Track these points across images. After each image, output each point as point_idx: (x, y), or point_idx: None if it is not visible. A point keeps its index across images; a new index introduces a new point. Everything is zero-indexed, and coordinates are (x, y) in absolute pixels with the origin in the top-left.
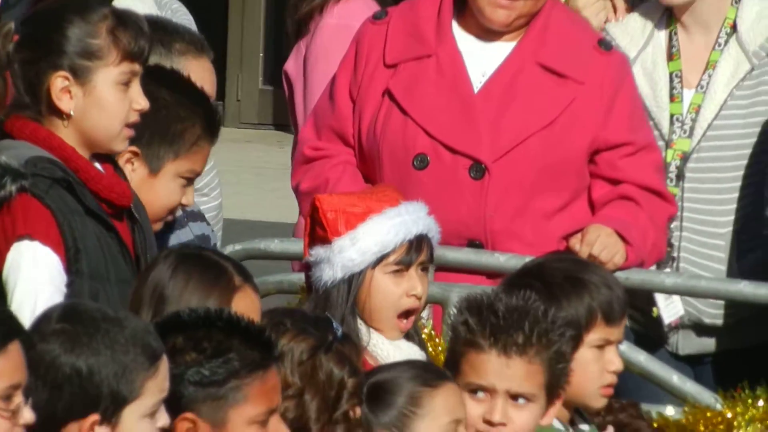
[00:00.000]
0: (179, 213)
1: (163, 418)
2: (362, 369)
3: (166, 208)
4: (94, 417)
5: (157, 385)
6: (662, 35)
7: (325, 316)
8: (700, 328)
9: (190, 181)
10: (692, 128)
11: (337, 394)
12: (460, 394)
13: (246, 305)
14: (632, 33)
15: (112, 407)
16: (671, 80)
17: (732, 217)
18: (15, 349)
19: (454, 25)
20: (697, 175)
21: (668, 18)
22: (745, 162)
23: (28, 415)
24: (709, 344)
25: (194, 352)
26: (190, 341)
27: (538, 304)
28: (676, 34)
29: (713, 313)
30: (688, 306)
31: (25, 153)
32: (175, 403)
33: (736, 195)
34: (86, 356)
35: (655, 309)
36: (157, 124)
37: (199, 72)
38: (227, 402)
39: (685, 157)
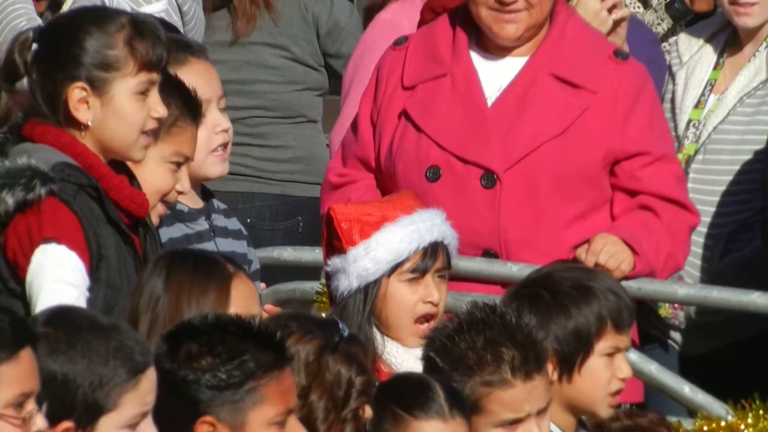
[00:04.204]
0: (174, 199)
1: (149, 431)
2: (371, 368)
3: (157, 194)
4: (67, 424)
5: (137, 398)
6: (717, 44)
7: (332, 318)
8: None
9: (179, 165)
10: (701, 132)
11: (346, 394)
12: None
13: (244, 291)
14: (693, 38)
15: (86, 416)
16: (705, 87)
17: (730, 219)
18: (27, 355)
19: (470, 44)
20: (699, 176)
21: (732, 32)
22: (743, 168)
23: (40, 423)
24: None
25: (209, 357)
26: (204, 347)
27: (510, 317)
28: (730, 46)
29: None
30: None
31: (50, 158)
32: (193, 409)
33: (736, 198)
34: (62, 363)
35: (662, 309)
36: None
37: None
38: (245, 404)
39: (689, 160)
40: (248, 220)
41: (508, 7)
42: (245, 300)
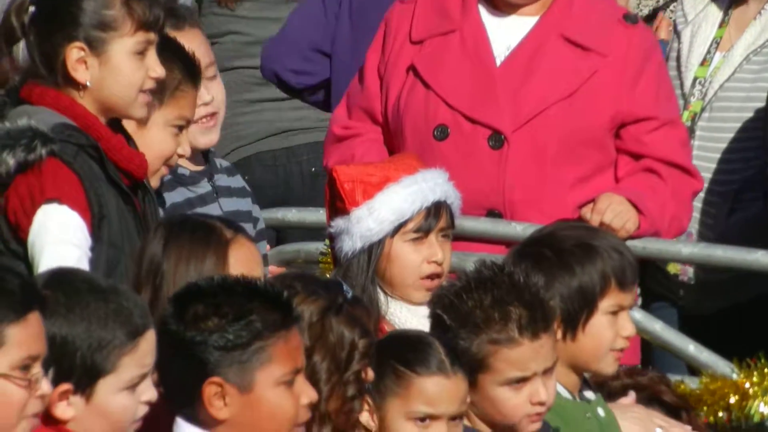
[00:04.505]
0: (175, 162)
1: (149, 392)
2: (374, 331)
3: (161, 158)
4: (66, 386)
5: (136, 360)
6: (722, 1)
7: (336, 279)
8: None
9: (180, 129)
10: (707, 90)
11: (348, 355)
12: None
13: (243, 254)
14: None
15: (85, 378)
16: (711, 45)
17: (735, 177)
18: (35, 318)
19: (480, 1)
20: (706, 134)
21: None
22: (746, 125)
23: (46, 387)
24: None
25: (216, 318)
26: (210, 308)
27: (518, 276)
28: (735, 3)
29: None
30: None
31: (49, 119)
32: (200, 370)
33: (740, 155)
34: (61, 325)
35: (671, 266)
36: None
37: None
38: (252, 364)
39: (695, 118)
40: (313, 170)
41: None
42: (244, 264)
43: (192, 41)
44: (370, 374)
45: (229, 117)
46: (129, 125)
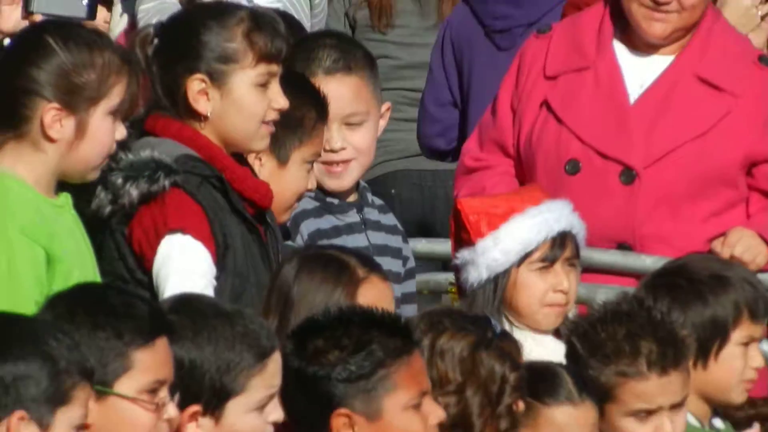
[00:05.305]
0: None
1: (276, 413)
2: (523, 364)
3: (297, 195)
4: (195, 408)
5: (264, 381)
6: None
7: (483, 314)
8: None
9: (312, 165)
10: None
11: (500, 389)
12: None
13: (374, 295)
14: None
15: (215, 400)
16: None
17: None
18: (162, 344)
19: (615, 39)
20: None
21: None
22: None
23: (173, 411)
24: None
25: (336, 351)
26: (330, 341)
27: (656, 312)
28: None
29: None
30: None
31: (173, 150)
32: (327, 404)
33: None
34: (189, 349)
35: None
36: (279, 116)
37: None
38: (378, 392)
39: None
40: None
41: (661, 6)
42: (373, 303)
43: (349, 87)
44: (522, 407)
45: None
46: (268, 164)
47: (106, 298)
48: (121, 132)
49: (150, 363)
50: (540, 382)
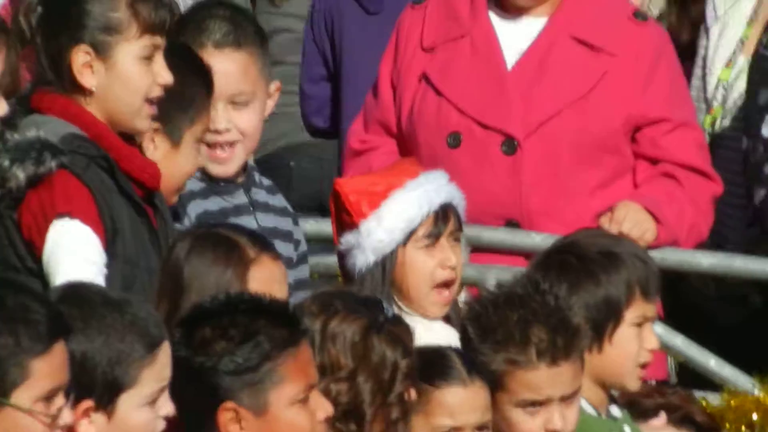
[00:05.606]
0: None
1: (167, 407)
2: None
3: (188, 176)
4: (88, 403)
5: (155, 373)
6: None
7: (375, 297)
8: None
9: (200, 142)
10: (728, 95)
11: (391, 376)
12: None
13: (264, 276)
14: None
15: (107, 394)
16: (736, 45)
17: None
18: (60, 349)
19: (489, 5)
20: (725, 142)
21: None
22: None
23: (67, 417)
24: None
25: (223, 341)
26: (216, 330)
27: (551, 298)
28: None
29: None
30: None
31: (59, 129)
32: (213, 395)
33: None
34: (79, 341)
35: None
36: (170, 95)
37: None
38: (265, 385)
39: (715, 123)
40: None
41: None
42: (264, 284)
43: (238, 64)
44: (413, 395)
45: (282, 106)
46: (162, 146)
47: (2, 299)
48: (2, 108)
49: (47, 370)
50: (429, 365)
